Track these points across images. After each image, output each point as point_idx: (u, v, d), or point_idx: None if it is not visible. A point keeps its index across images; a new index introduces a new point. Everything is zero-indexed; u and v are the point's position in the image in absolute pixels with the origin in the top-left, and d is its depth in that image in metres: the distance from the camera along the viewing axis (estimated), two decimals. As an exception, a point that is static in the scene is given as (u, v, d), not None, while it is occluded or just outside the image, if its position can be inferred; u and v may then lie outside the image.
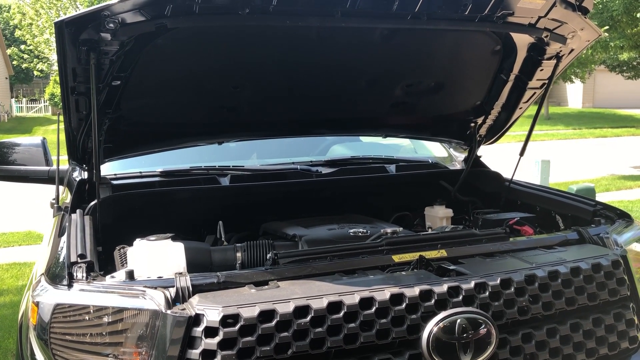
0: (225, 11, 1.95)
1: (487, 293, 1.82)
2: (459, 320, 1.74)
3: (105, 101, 2.26)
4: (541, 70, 2.70)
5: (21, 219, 8.78)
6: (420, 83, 2.83)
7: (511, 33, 2.52)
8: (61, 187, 3.11)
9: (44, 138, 3.22)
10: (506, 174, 3.22)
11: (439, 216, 2.90)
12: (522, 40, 2.58)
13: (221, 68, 2.43)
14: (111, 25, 1.87)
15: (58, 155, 2.60)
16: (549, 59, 2.65)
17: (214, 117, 2.71)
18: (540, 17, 2.34)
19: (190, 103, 2.57)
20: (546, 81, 2.80)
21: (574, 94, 34.16)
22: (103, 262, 2.15)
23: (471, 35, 2.55)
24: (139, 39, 2.03)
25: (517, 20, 2.34)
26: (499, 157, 4.12)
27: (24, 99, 42.63)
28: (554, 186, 9.53)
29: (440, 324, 1.73)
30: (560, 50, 2.59)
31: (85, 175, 2.68)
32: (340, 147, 3.78)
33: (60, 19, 1.86)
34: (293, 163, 3.23)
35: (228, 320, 1.60)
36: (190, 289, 1.71)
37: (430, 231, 2.83)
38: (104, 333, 1.68)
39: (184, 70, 2.38)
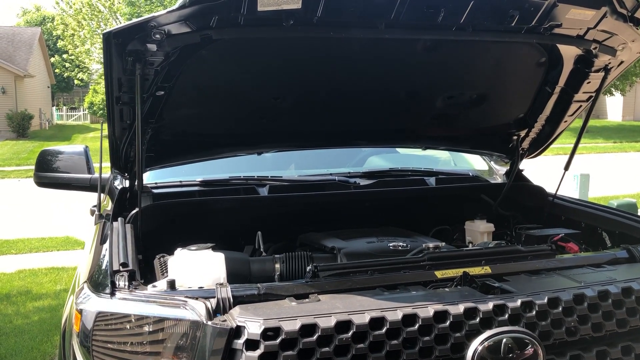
0: (270, 23, 1.95)
1: (534, 312, 1.76)
2: (504, 340, 1.68)
3: (149, 111, 2.28)
4: (588, 82, 2.63)
5: (60, 225, 8.97)
6: (462, 95, 2.78)
7: (558, 45, 2.46)
8: (102, 195, 3.15)
9: (87, 146, 3.28)
10: (545, 187, 3.14)
11: (479, 231, 2.84)
12: (569, 52, 2.52)
13: (263, 79, 2.44)
14: (157, 36, 1.89)
15: (100, 163, 2.64)
16: (597, 71, 2.57)
17: (254, 128, 2.72)
18: (589, 29, 2.27)
19: (231, 113, 2.59)
20: (593, 94, 2.72)
21: (614, 107, 33.36)
22: (143, 270, 2.17)
23: (516, 46, 2.50)
24: (184, 50, 2.05)
25: (565, 31, 2.28)
26: (536, 170, 4.01)
27: (64, 107, 43.85)
28: (593, 201, 9.31)
29: (485, 343, 1.67)
30: (609, 63, 2.52)
31: (126, 183, 2.72)
32: (378, 159, 3.75)
33: (108, 30, 1.89)
34: (331, 174, 3.21)
35: (269, 333, 1.58)
36: (231, 300, 1.70)
37: (471, 246, 2.78)
38: (144, 342, 1.68)
39: (226, 81, 2.39)
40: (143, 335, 1.68)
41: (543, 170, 4.22)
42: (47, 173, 3.18)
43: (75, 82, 33.78)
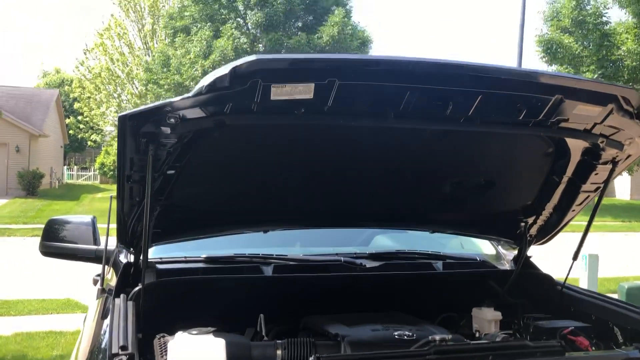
0: (282, 110, 1.99)
1: None
2: None
3: (159, 189, 2.30)
4: (596, 174, 2.64)
5: (61, 286, 8.89)
6: (470, 181, 2.80)
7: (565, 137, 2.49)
8: (106, 267, 3.13)
9: (94, 217, 3.30)
10: (551, 267, 3.09)
11: (487, 319, 2.77)
12: (577, 145, 2.54)
13: (271, 159, 2.47)
14: (172, 120, 1.93)
15: (107, 237, 2.64)
16: (605, 163, 2.59)
17: (260, 206, 2.73)
18: (596, 124, 2.31)
19: (239, 192, 2.61)
20: (601, 185, 2.73)
21: (622, 185, 33.39)
22: (142, 349, 2.12)
23: (524, 136, 2.53)
24: (197, 132, 2.09)
25: (572, 125, 2.31)
26: (544, 248, 3.93)
27: (75, 167, 44.47)
28: (602, 281, 9.09)
29: None
30: (617, 156, 2.54)
31: (131, 258, 2.70)
32: (384, 238, 3.72)
33: (124, 113, 1.94)
34: (337, 254, 3.19)
35: None
36: None
37: (477, 335, 2.71)
38: None
39: (236, 161, 2.43)
40: None
41: (552, 248, 4.12)
42: (53, 242, 3.18)
43: (89, 143, 34.47)
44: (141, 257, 2.34)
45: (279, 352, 2.21)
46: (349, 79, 1.90)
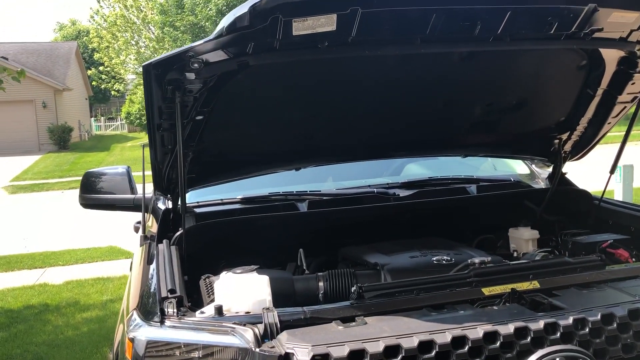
0: (305, 46, 1.95)
1: (587, 329, 1.71)
2: (557, 359, 1.65)
3: (189, 135, 2.32)
4: (632, 84, 2.55)
5: (103, 235, 9.19)
6: (501, 101, 2.74)
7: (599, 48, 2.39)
8: (146, 215, 3.21)
9: (129, 167, 3.36)
10: (585, 180, 3.04)
11: (524, 238, 2.78)
12: (612, 54, 2.45)
13: (298, 97, 2.45)
14: (195, 65, 1.91)
15: (144, 186, 2.69)
16: None
17: (291, 145, 2.73)
18: (632, 31, 2.21)
19: (268, 132, 2.61)
20: (638, 94, 2.64)
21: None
22: (189, 290, 2.20)
23: (555, 51, 2.44)
24: (221, 76, 2.07)
25: (607, 35, 2.22)
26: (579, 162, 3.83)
27: (102, 118, 44.96)
28: (637, 191, 8.86)
29: (538, 363, 1.64)
30: None
31: (169, 204, 2.76)
32: (415, 166, 3.70)
33: (147, 62, 1.92)
34: (369, 186, 3.19)
35: (317, 359, 1.58)
36: (279, 325, 1.71)
37: (515, 255, 2.73)
38: None
39: (263, 101, 2.41)
40: None
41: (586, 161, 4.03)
42: (92, 195, 3.26)
43: (112, 93, 34.61)
44: (179, 203, 2.39)
45: (321, 283, 2.27)
46: (372, 5, 1.84)
